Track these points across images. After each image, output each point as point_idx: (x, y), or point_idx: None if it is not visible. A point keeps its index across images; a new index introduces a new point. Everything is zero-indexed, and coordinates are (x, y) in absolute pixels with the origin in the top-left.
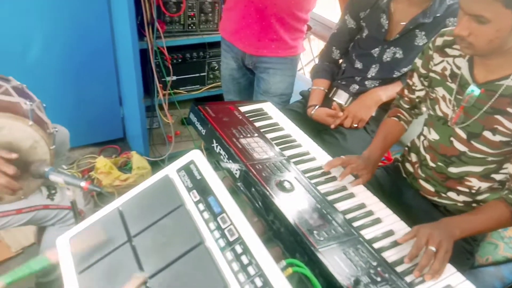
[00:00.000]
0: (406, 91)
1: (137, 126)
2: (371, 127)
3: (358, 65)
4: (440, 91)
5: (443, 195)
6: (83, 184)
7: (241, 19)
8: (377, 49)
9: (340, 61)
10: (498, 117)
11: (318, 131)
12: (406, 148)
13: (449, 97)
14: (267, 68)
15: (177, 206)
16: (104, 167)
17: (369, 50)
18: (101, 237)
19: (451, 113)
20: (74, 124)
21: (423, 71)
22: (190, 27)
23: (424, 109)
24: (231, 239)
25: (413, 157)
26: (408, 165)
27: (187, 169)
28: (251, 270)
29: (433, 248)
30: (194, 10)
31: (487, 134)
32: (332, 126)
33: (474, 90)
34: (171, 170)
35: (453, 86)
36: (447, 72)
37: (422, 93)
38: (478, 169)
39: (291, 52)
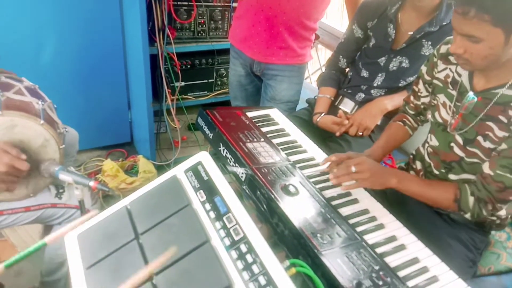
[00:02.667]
0: (412, 98)
1: (145, 130)
2: (376, 136)
3: (365, 74)
4: (441, 98)
5: None
6: (91, 183)
7: (250, 27)
8: (383, 58)
9: (347, 70)
10: (491, 123)
11: (323, 138)
12: (411, 156)
13: (449, 103)
14: (275, 75)
15: (184, 206)
16: (110, 170)
17: (375, 59)
18: (109, 234)
19: (450, 119)
20: (83, 127)
21: (427, 77)
22: (200, 34)
23: (429, 116)
24: (236, 238)
25: (418, 165)
26: (412, 173)
27: (195, 170)
28: (255, 268)
29: (353, 168)
30: (204, 17)
31: (480, 139)
32: (337, 134)
33: (472, 98)
34: (179, 171)
35: (454, 93)
36: (449, 79)
37: (427, 100)
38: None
39: (298, 60)
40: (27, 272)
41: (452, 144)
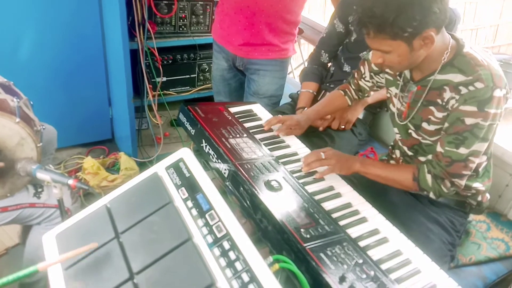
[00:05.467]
0: (356, 75)
1: (126, 127)
2: (358, 129)
3: (347, 68)
4: (393, 90)
5: None
6: (70, 182)
7: (231, 25)
8: (365, 52)
9: (329, 64)
10: (432, 108)
11: (306, 133)
12: (390, 147)
13: (400, 94)
14: (258, 70)
15: (166, 203)
16: (91, 168)
17: (357, 53)
18: (88, 233)
19: (400, 106)
20: (62, 124)
21: (375, 67)
22: (181, 29)
23: (372, 92)
24: (219, 235)
25: (397, 153)
26: (393, 163)
27: (176, 167)
28: (238, 265)
29: (322, 154)
30: (186, 12)
31: (424, 125)
32: (321, 128)
33: (413, 88)
34: (160, 168)
35: (401, 83)
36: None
37: (369, 84)
38: None
39: (281, 54)
40: (5, 274)
41: (410, 131)
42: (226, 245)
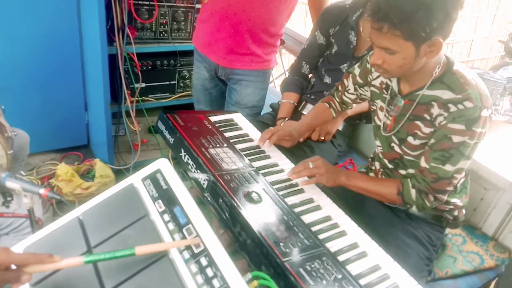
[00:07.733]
0: (340, 88)
1: (102, 133)
2: (337, 141)
3: (327, 80)
4: (379, 103)
5: None
6: (42, 191)
7: (215, 32)
8: (345, 64)
9: (310, 75)
10: (418, 122)
11: None
12: (370, 159)
13: (386, 107)
14: (240, 80)
15: (141, 217)
16: (65, 175)
17: (338, 65)
18: (59, 247)
19: (386, 120)
20: (36, 128)
21: (360, 80)
22: (161, 35)
23: (354, 105)
24: (196, 251)
25: (377, 165)
26: (372, 175)
27: (153, 178)
28: (215, 283)
29: (310, 164)
30: (167, 18)
31: (410, 139)
32: (301, 139)
33: (400, 101)
34: (136, 179)
35: (388, 97)
36: (384, 86)
37: (353, 97)
38: None
39: (264, 65)
40: None
41: (392, 144)
42: (204, 261)
